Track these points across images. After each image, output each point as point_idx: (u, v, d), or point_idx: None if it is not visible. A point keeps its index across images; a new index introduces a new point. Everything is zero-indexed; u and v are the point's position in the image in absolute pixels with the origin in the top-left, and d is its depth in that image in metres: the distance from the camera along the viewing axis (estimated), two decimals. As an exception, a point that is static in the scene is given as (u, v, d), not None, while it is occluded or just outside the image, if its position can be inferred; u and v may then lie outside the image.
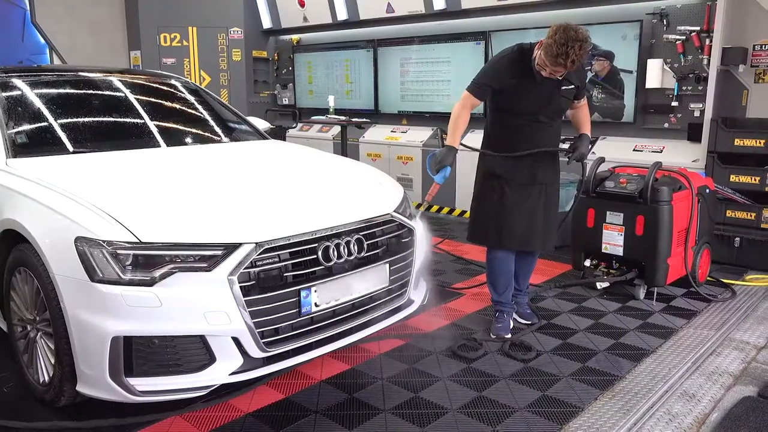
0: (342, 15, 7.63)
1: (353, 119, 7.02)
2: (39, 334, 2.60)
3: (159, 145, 3.37)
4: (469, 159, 6.32)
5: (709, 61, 4.88)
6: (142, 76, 4.10)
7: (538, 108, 3.14)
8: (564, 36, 2.82)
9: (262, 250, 2.37)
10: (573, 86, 3.15)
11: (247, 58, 8.59)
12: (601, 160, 4.21)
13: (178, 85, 4.10)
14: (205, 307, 2.27)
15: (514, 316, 3.54)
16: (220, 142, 3.74)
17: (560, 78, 3.03)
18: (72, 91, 3.56)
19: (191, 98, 4.03)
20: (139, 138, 3.43)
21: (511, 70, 3.09)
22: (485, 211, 3.29)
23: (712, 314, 3.74)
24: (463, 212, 6.65)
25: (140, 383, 2.28)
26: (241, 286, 2.30)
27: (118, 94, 3.68)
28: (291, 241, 2.47)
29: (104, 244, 2.23)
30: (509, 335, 3.33)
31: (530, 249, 3.37)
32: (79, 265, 2.24)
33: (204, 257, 2.29)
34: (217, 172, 3.06)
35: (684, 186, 3.93)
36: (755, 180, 4.51)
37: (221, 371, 2.34)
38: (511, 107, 3.18)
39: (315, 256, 2.52)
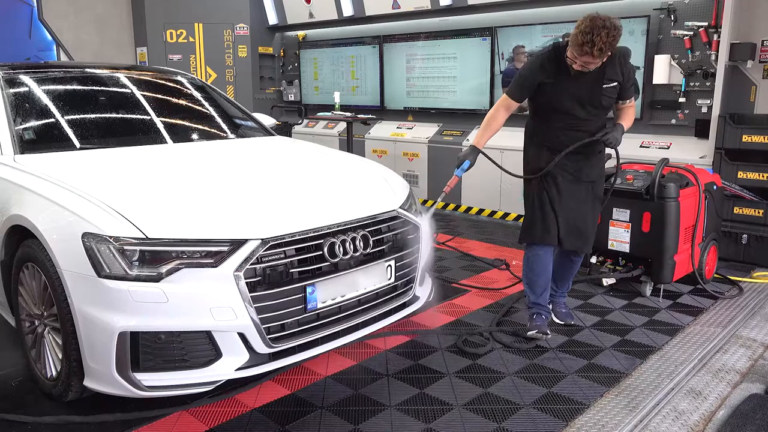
0: (348, 11, 7.62)
1: (359, 116, 7.02)
2: (46, 329, 2.62)
3: (165, 142, 3.38)
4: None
5: (716, 56, 4.85)
6: (149, 73, 4.11)
7: (577, 105, 3.07)
8: (590, 24, 2.78)
9: (267, 246, 2.37)
10: (615, 83, 3.03)
11: (252, 54, 8.60)
12: (608, 156, 4.19)
13: (184, 81, 4.11)
14: (212, 302, 2.28)
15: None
16: (226, 138, 3.75)
17: (592, 70, 2.93)
18: (79, 87, 3.57)
19: (197, 94, 4.04)
20: (145, 134, 3.44)
21: (545, 70, 3.05)
22: (530, 206, 3.24)
23: (719, 311, 3.72)
24: (469, 209, 6.65)
25: (147, 378, 2.29)
26: (247, 282, 2.31)
27: (124, 90, 3.69)
28: (297, 238, 2.47)
29: (111, 240, 2.24)
30: (549, 334, 3.22)
31: (572, 248, 3.25)
32: (86, 260, 2.25)
33: (210, 253, 2.30)
34: (223, 169, 3.07)
35: (691, 182, 3.91)
36: (763, 176, 4.48)
37: (227, 366, 2.35)
38: (549, 105, 3.12)
39: (321, 253, 2.52)
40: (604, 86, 3.02)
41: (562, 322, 3.48)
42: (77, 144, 3.13)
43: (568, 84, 3.02)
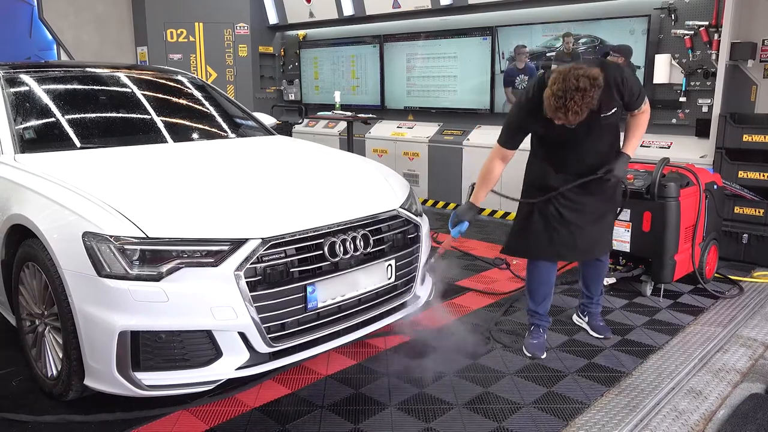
0: (348, 10, 7.62)
1: (359, 115, 7.02)
2: (47, 328, 2.62)
3: (166, 141, 3.38)
4: (477, 153, 6.32)
5: (717, 56, 4.84)
6: (149, 72, 4.11)
7: (580, 138, 2.82)
8: (562, 86, 2.51)
9: (268, 245, 2.37)
10: (614, 109, 2.78)
11: (253, 53, 8.60)
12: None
13: (185, 80, 4.11)
14: (212, 302, 2.28)
15: (586, 327, 3.37)
16: (226, 137, 3.75)
17: (571, 125, 2.67)
18: (79, 86, 3.57)
19: (198, 94, 4.04)
20: (146, 134, 3.44)
21: (534, 116, 2.78)
22: (536, 220, 2.96)
23: (720, 311, 3.72)
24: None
25: (147, 377, 2.29)
26: (247, 281, 2.31)
27: (125, 89, 3.69)
28: (297, 237, 2.47)
29: (111, 239, 2.24)
30: (544, 355, 3.07)
31: (597, 257, 3.17)
32: (86, 260, 2.25)
33: (211, 252, 2.30)
34: (223, 168, 3.07)
35: (692, 182, 3.91)
36: (764, 176, 4.47)
37: (228, 366, 2.36)
38: (548, 142, 2.94)
39: (321, 252, 2.52)
40: (602, 115, 2.75)
41: (602, 336, 3.28)
42: (78, 143, 3.13)
43: (562, 126, 2.72)
